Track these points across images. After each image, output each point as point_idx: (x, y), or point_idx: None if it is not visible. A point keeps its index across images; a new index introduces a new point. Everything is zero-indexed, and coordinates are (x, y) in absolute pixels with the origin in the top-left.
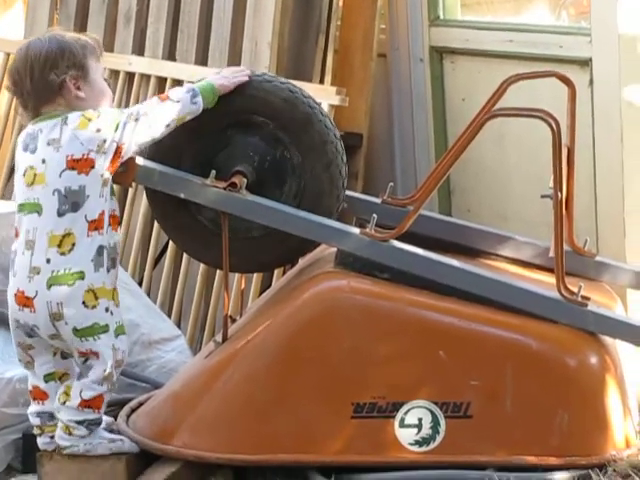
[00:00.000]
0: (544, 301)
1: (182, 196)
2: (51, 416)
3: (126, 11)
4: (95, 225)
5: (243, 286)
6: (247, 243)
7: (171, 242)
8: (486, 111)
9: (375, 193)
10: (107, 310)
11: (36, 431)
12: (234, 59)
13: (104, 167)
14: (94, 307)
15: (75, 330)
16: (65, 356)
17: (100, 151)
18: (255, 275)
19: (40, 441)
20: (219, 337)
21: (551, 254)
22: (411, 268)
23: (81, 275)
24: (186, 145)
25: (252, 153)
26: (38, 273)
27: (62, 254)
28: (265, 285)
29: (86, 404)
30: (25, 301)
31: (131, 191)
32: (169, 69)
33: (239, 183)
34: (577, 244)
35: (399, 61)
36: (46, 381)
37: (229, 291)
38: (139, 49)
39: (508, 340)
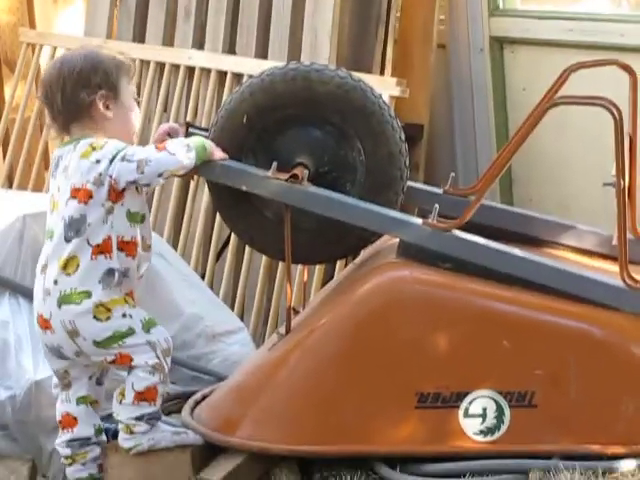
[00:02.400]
0: (607, 289)
1: (244, 189)
2: (82, 444)
3: (186, 5)
4: (100, 249)
5: (305, 278)
6: (309, 234)
7: (233, 235)
8: (547, 100)
9: (436, 184)
10: (125, 315)
11: (66, 462)
12: (294, 51)
13: (103, 198)
14: (108, 318)
15: (96, 343)
16: (99, 382)
17: (97, 183)
18: (317, 267)
19: (71, 470)
20: (282, 329)
21: (614, 242)
22: (473, 258)
23: (88, 294)
24: (247, 140)
25: (313, 145)
26: (49, 294)
27: (67, 275)
28: (327, 277)
29: (140, 397)
30: (45, 323)
31: (193, 185)
32: (229, 63)
33: (301, 175)
34: None
35: (459, 51)
36: (77, 404)
37: (292, 283)
38: (199, 43)
39: (572, 328)
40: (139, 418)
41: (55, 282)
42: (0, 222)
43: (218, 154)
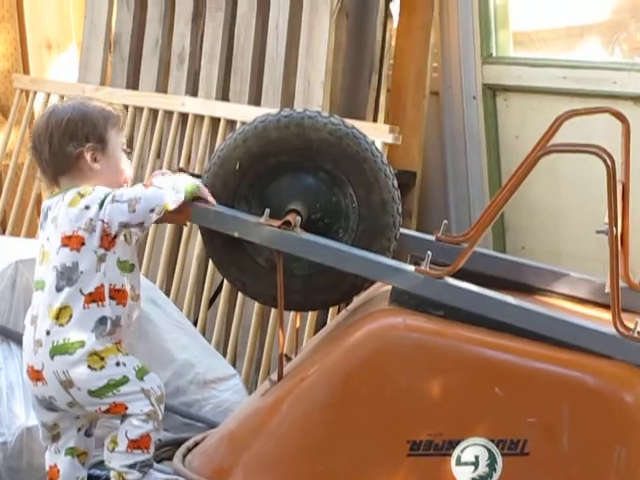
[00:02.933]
0: (600, 337)
1: (236, 235)
2: None
3: (179, 52)
4: (92, 298)
5: (298, 324)
6: (302, 281)
7: (225, 282)
8: (540, 147)
9: (429, 231)
10: (118, 364)
11: None
12: (287, 99)
13: (95, 244)
14: (102, 367)
15: (90, 392)
16: (88, 434)
17: (88, 229)
18: (310, 313)
19: None
20: (274, 376)
21: (607, 290)
22: (466, 305)
23: (81, 344)
24: (239, 186)
25: (305, 191)
26: (41, 346)
27: (60, 325)
28: (320, 323)
29: (134, 445)
30: (37, 375)
31: (185, 231)
32: (223, 109)
33: (293, 221)
34: (633, 280)
35: (452, 99)
36: (65, 454)
37: (284, 330)
38: (192, 90)
39: (564, 376)
40: (132, 466)
41: (47, 333)
42: None
43: (206, 191)
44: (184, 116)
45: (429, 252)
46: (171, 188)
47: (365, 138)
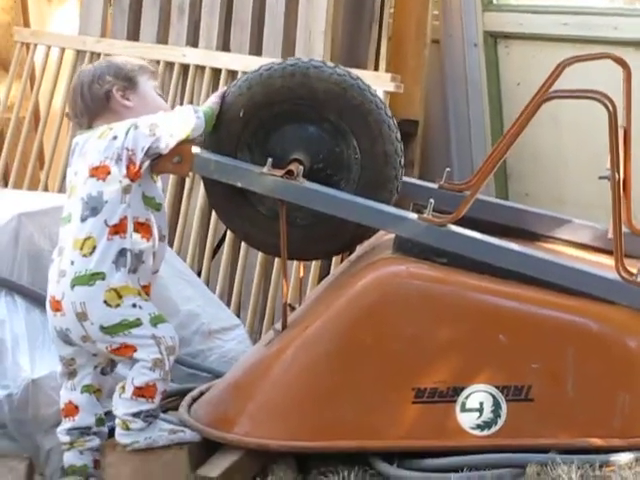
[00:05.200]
0: (603, 282)
1: (239, 185)
2: (82, 432)
3: (180, 3)
4: (116, 229)
5: (302, 274)
6: (304, 230)
7: (229, 232)
8: (542, 94)
9: (432, 179)
10: (134, 306)
11: (64, 447)
12: (288, 49)
13: (121, 174)
14: (118, 305)
15: (102, 328)
16: (104, 372)
17: (115, 158)
18: (314, 263)
19: (68, 455)
20: (278, 325)
21: (609, 236)
22: (469, 252)
23: (102, 276)
24: (243, 134)
25: (309, 141)
26: (64, 276)
27: (84, 256)
28: (324, 273)
29: (139, 392)
30: (57, 305)
31: (188, 182)
32: (223, 60)
33: (296, 171)
34: (635, 226)
35: (453, 47)
36: (82, 392)
37: (288, 279)
38: (193, 41)
39: (568, 322)
40: (136, 415)
41: (72, 263)
42: None
43: (218, 99)
44: (185, 67)
45: (432, 200)
46: (191, 113)
47: (370, 89)
